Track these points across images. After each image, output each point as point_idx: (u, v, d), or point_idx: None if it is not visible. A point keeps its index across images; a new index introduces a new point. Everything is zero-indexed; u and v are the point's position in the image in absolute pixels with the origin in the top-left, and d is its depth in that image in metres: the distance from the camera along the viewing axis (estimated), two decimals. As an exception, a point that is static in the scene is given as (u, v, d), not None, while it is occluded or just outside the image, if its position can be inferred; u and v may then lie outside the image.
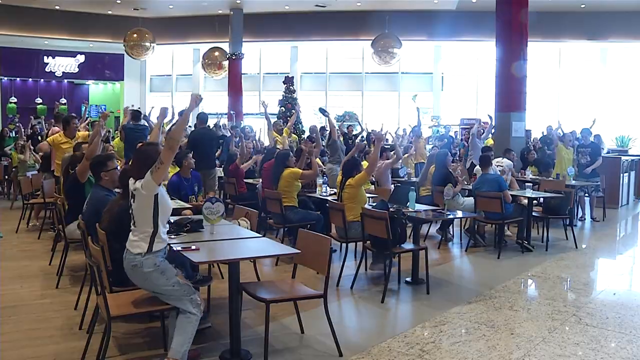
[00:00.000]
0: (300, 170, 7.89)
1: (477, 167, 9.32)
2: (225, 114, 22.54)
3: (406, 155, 11.80)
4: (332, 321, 4.48)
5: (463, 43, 24.08)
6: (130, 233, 4.12)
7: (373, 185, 9.47)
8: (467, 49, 24.90)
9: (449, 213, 7.13)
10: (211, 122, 13.41)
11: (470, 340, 4.81)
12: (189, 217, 5.16)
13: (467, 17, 21.93)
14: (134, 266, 4.01)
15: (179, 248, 4.29)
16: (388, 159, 9.31)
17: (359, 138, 14.21)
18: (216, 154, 11.16)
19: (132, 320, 4.98)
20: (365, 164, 9.74)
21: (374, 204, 6.65)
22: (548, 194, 8.82)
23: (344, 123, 16.30)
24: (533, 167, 11.12)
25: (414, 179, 10.58)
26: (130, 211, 4.13)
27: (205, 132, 10.51)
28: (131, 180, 4.15)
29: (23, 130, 14.77)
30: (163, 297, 4.07)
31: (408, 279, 6.55)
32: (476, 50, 24.53)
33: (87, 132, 9.74)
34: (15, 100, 25.40)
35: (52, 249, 7.60)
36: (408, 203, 6.82)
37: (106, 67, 26.58)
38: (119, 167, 5.95)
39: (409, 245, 6.45)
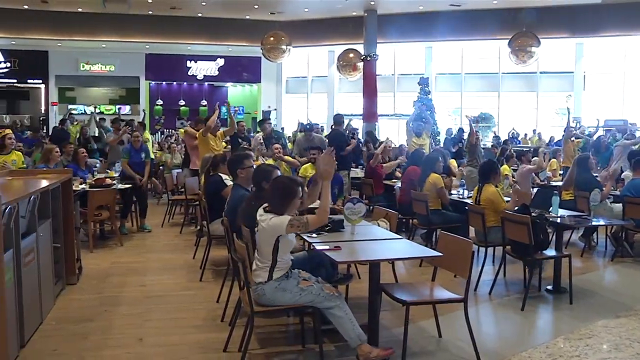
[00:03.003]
0: (442, 184, 7.81)
1: (625, 172, 8.80)
2: (360, 115, 22.69)
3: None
4: (471, 326, 4.40)
5: (608, 39, 22.72)
6: (255, 260, 4.29)
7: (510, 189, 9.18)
8: (613, 45, 23.48)
9: (595, 219, 6.77)
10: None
11: (621, 357, 4.51)
12: (330, 216, 5.23)
13: (614, 10, 20.66)
14: (259, 295, 4.19)
15: (320, 247, 4.37)
16: (529, 163, 9.00)
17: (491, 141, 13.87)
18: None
19: (272, 315, 5.12)
20: (505, 168, 9.50)
21: (515, 208, 6.44)
22: None
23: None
24: None
25: (554, 183, 10.16)
26: (255, 237, 4.30)
27: (338, 134, 10.66)
28: (260, 210, 4.28)
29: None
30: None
31: (549, 287, 6.28)
32: (623, 45, 23.09)
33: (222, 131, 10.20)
34: (161, 102, 27.03)
35: (195, 244, 8.02)
36: (550, 208, 6.56)
37: (244, 70, 27.55)
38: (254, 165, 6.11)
39: (551, 251, 6.18)
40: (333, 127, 10.94)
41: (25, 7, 22.45)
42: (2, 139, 8.22)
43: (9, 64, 25.54)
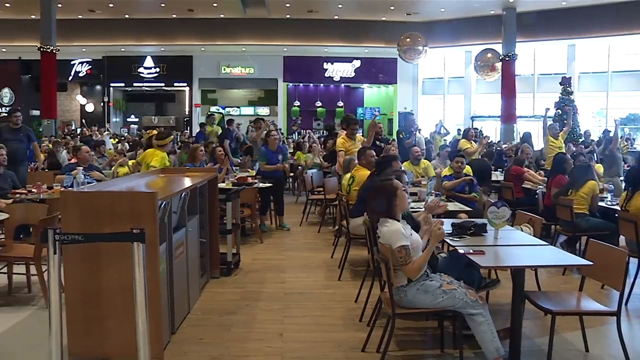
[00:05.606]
0: (598, 192, 7.47)
1: None
2: (498, 116, 22.06)
3: None
4: (624, 342, 4.14)
5: None
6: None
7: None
8: None
9: None
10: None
11: None
12: (473, 220, 5.12)
13: None
14: (400, 298, 4.19)
15: (463, 251, 4.28)
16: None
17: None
18: None
19: (411, 317, 5.09)
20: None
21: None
22: None
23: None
24: None
25: None
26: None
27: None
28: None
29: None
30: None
31: None
32: None
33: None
34: (299, 103, 27.72)
35: (333, 243, 8.11)
36: None
37: (380, 71, 27.62)
38: None
39: None
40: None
41: (174, 16, 23.98)
42: (149, 139, 8.70)
43: (158, 69, 27.38)
